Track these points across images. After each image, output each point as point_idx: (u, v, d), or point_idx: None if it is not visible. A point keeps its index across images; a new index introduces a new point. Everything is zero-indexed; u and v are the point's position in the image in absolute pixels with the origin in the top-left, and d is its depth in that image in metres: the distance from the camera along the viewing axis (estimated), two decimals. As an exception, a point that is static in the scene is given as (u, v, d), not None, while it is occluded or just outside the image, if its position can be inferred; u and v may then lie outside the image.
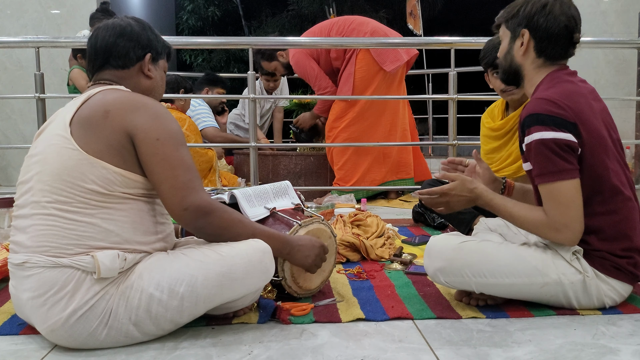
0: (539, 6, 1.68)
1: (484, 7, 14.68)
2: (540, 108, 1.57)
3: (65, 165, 1.39)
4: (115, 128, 1.42)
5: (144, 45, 1.61)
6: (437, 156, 6.56)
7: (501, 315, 1.62)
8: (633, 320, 1.57)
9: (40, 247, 1.37)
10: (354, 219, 2.55)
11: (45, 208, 1.38)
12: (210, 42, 5.39)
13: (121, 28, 1.59)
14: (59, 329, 1.36)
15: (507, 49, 1.77)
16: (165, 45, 1.69)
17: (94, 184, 1.39)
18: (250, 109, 3.57)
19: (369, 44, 3.76)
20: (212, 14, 15.06)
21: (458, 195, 1.71)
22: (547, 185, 1.56)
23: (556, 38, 1.67)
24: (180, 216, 1.45)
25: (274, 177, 4.02)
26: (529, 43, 1.70)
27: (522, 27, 1.70)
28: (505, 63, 1.79)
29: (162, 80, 1.69)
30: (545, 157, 1.55)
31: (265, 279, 1.53)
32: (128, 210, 1.43)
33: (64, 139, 1.42)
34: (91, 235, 1.38)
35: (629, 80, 4.13)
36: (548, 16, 1.66)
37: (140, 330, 1.40)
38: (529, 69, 1.73)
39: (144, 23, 1.65)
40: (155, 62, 1.65)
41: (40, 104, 3.42)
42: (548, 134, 1.54)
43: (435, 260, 1.66)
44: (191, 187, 1.44)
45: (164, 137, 1.45)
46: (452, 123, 3.67)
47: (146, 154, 1.43)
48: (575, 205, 1.55)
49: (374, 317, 1.61)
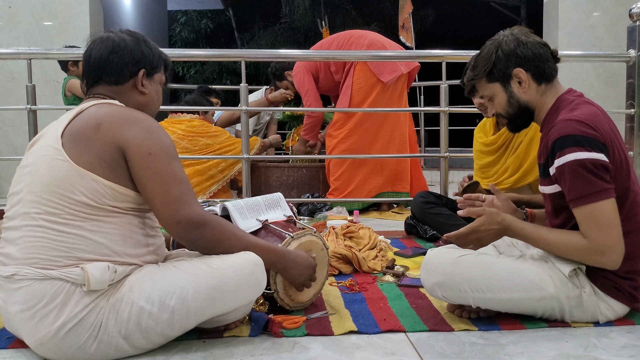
0: (512, 43, 1.68)
1: (475, 21, 14.85)
2: (573, 129, 1.54)
3: (55, 177, 1.38)
4: (106, 141, 1.42)
5: (137, 60, 1.58)
6: (429, 168, 6.57)
7: (493, 327, 1.62)
8: (625, 332, 1.58)
9: (29, 259, 1.36)
10: (346, 231, 2.55)
11: (35, 219, 1.37)
12: (203, 54, 5.41)
13: (114, 44, 1.57)
14: (48, 342, 1.34)
15: (507, 96, 1.73)
16: (161, 58, 1.67)
17: (83, 196, 1.38)
18: (243, 121, 3.58)
19: (361, 57, 3.80)
20: (204, 27, 15.13)
21: (487, 229, 1.63)
22: (587, 206, 1.52)
23: (545, 58, 1.69)
24: (173, 229, 1.45)
25: (266, 189, 4.01)
26: (527, 77, 1.69)
27: (512, 67, 1.68)
28: (512, 110, 1.74)
29: (157, 95, 1.67)
30: (584, 178, 1.51)
31: (257, 292, 1.52)
32: (118, 223, 1.43)
33: (55, 150, 1.41)
34: (80, 248, 1.37)
35: (618, 93, 4.17)
36: (527, 45, 1.68)
37: (130, 343, 1.38)
38: (536, 99, 1.71)
39: (139, 37, 1.62)
40: (150, 77, 1.62)
41: (31, 115, 3.40)
42: (584, 154, 1.51)
43: (433, 275, 1.65)
44: (183, 200, 1.44)
45: (156, 151, 1.44)
46: (443, 135, 3.68)
47: (138, 168, 1.43)
48: (616, 225, 1.52)
49: (366, 330, 1.60)
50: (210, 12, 15.40)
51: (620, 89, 3.60)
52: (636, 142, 3.49)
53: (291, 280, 1.65)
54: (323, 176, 4.15)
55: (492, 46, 1.71)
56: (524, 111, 1.74)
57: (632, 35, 3.52)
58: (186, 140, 3.89)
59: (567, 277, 1.57)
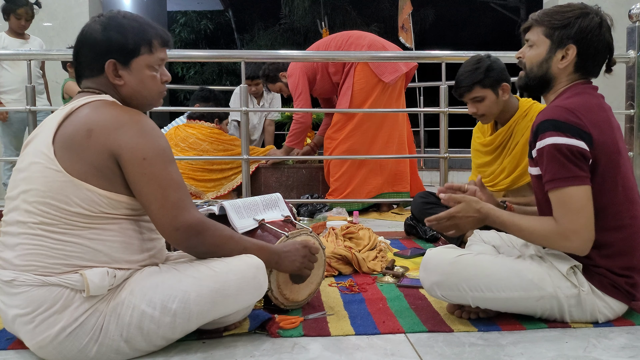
0: (594, 24, 1.63)
1: (474, 22, 14.87)
2: (557, 115, 1.57)
3: (50, 188, 1.35)
4: (99, 149, 1.37)
5: (103, 52, 1.45)
6: (428, 169, 6.58)
7: (493, 328, 1.62)
8: (624, 333, 1.58)
9: (27, 266, 1.34)
10: (346, 231, 2.55)
11: (32, 229, 1.35)
12: (203, 55, 5.43)
13: (82, 36, 1.48)
14: (47, 346, 1.34)
15: (545, 57, 1.69)
16: (145, 38, 1.48)
17: (79, 207, 1.35)
18: (243, 121, 3.58)
19: (361, 57, 3.79)
20: (204, 27, 15.14)
21: (465, 216, 1.69)
22: (558, 190, 1.55)
23: (600, 58, 1.68)
24: (171, 236, 1.42)
25: (266, 190, 4.01)
26: (572, 59, 1.66)
27: (572, 42, 1.65)
28: (538, 71, 1.71)
29: (143, 82, 1.51)
30: (558, 162, 1.54)
31: (258, 295, 1.51)
32: (117, 230, 1.40)
33: (48, 158, 1.37)
34: (79, 256, 1.36)
35: (618, 93, 4.15)
36: (600, 37, 1.64)
37: (131, 346, 1.38)
38: (561, 81, 1.70)
39: (111, 22, 1.47)
40: (126, 65, 1.47)
41: (31, 116, 3.41)
42: (562, 139, 1.54)
43: (431, 274, 1.65)
44: (182, 206, 1.41)
45: (151, 155, 1.39)
46: (443, 136, 3.68)
47: (133, 174, 1.38)
48: (585, 212, 1.54)
49: (364, 332, 1.60)
50: (209, 13, 15.41)
51: (620, 90, 3.59)
52: (636, 142, 3.49)
53: (289, 270, 1.63)
54: (322, 177, 4.15)
55: (578, 13, 1.66)
56: (545, 80, 1.71)
57: (631, 36, 3.53)
58: (206, 142, 3.97)
59: (565, 275, 1.58)
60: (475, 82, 2.45)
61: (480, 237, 2.05)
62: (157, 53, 1.52)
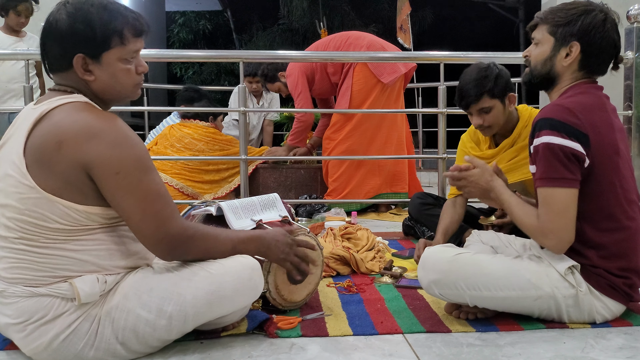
0: (598, 21, 1.63)
1: (473, 23, 14.88)
2: (554, 114, 1.57)
3: (25, 205, 1.29)
4: (70, 162, 1.29)
5: (70, 46, 1.34)
6: (427, 169, 6.58)
7: (491, 328, 1.62)
8: (622, 334, 1.58)
9: (15, 279, 1.32)
10: (344, 232, 2.55)
11: (14, 243, 1.32)
12: (201, 55, 5.42)
13: (46, 28, 1.36)
14: (42, 352, 1.33)
15: (549, 55, 1.69)
16: (115, 30, 1.35)
17: (57, 223, 1.30)
18: (241, 121, 3.57)
19: (360, 58, 3.79)
20: (203, 27, 15.13)
21: (476, 182, 1.76)
22: (545, 189, 1.57)
23: (605, 56, 1.67)
24: (156, 249, 1.38)
25: (264, 190, 4.00)
26: (576, 56, 1.66)
27: (575, 39, 1.65)
28: (542, 69, 1.71)
29: (115, 77, 1.39)
30: (549, 161, 1.55)
31: (254, 296, 1.51)
32: (102, 238, 1.37)
33: (21, 172, 1.30)
34: (66, 267, 1.33)
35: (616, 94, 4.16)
36: (604, 34, 1.63)
37: (127, 349, 1.37)
38: (565, 79, 1.69)
39: (77, 12, 1.34)
40: (97, 59, 1.36)
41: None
42: (556, 139, 1.54)
43: (429, 273, 1.65)
44: (162, 217, 1.35)
45: (125, 168, 1.31)
46: (441, 136, 3.68)
47: (107, 189, 1.31)
48: (567, 214, 1.55)
49: (362, 332, 1.60)
50: (208, 13, 15.42)
51: (619, 91, 3.59)
52: (634, 143, 3.49)
53: (278, 260, 1.58)
54: (321, 177, 4.15)
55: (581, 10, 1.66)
56: (549, 78, 1.71)
57: (629, 37, 3.53)
58: (202, 142, 3.95)
59: (562, 275, 1.58)
60: (484, 92, 2.23)
61: (479, 237, 2.05)
62: (130, 45, 1.39)
